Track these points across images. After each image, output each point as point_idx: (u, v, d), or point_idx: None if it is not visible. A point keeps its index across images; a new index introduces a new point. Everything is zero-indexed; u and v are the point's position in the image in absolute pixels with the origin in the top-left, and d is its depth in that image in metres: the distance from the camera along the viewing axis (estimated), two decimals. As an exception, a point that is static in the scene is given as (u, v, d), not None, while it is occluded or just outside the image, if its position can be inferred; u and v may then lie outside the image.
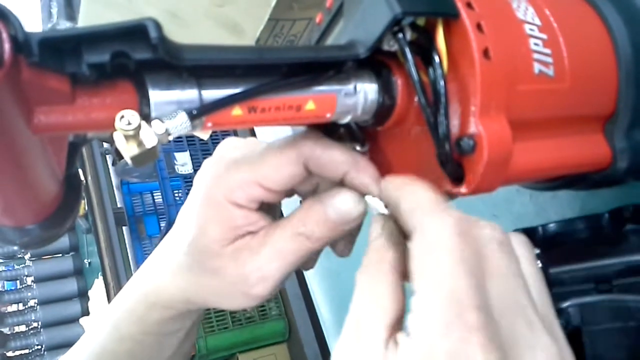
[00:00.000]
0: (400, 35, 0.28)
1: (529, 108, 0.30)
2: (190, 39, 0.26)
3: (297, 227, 0.33)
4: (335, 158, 0.32)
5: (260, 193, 0.33)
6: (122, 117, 0.23)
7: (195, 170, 2.36)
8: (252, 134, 1.16)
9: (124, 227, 2.36)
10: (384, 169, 0.33)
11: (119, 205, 2.41)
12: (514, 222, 0.49)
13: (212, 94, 0.27)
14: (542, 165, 0.31)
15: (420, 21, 0.29)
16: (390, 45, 0.29)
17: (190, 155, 2.41)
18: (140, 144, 0.24)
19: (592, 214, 0.40)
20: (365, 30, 0.29)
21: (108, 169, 2.42)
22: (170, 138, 0.25)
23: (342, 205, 0.32)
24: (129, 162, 0.24)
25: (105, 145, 2.27)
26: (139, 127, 0.24)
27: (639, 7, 0.33)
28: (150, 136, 0.24)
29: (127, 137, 0.24)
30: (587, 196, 0.42)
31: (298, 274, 1.51)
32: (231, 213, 0.33)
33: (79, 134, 0.29)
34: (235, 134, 1.80)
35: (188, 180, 2.34)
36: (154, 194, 2.56)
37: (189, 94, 0.26)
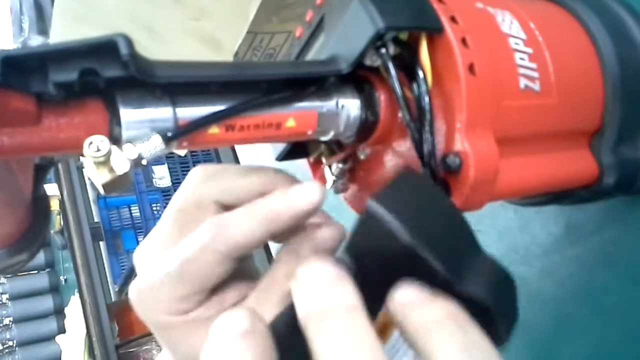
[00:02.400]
0: (383, 50, 0.27)
1: (515, 124, 0.30)
2: (168, 54, 0.25)
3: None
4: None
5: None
6: (91, 143, 0.22)
7: (174, 184, 2.34)
8: (232, 148, 1.15)
9: (100, 242, 2.32)
10: (366, 187, 0.32)
11: (95, 220, 2.37)
12: (498, 237, 0.49)
13: (187, 112, 0.26)
14: (529, 181, 0.30)
15: (404, 36, 0.28)
16: (373, 61, 0.28)
17: (169, 168, 2.38)
18: (111, 170, 0.22)
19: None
20: (347, 45, 0.28)
21: (84, 182, 2.38)
22: (144, 163, 0.23)
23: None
24: (100, 190, 0.22)
25: (82, 159, 2.23)
26: (109, 152, 0.22)
27: (625, 20, 0.32)
28: (122, 162, 0.23)
29: (97, 164, 0.22)
30: (573, 210, 0.42)
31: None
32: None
33: (45, 156, 0.27)
34: (216, 150, 1.78)
35: (166, 193, 2.32)
36: (132, 208, 2.53)
37: (163, 113, 0.25)
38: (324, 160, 0.34)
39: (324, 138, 0.30)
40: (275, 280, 0.30)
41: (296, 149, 0.34)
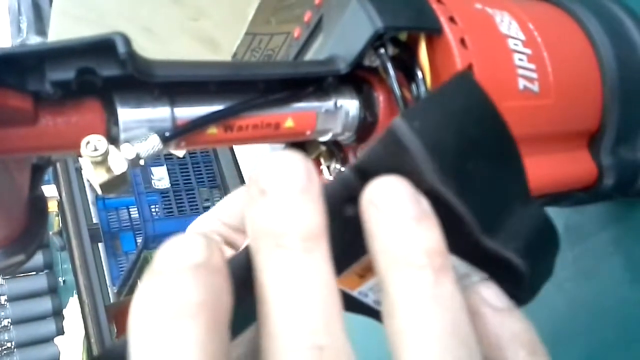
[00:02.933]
0: (382, 50, 0.27)
1: (513, 125, 0.29)
2: (166, 55, 0.25)
3: None
4: None
5: None
6: (88, 142, 0.22)
7: (173, 185, 2.34)
8: (231, 150, 1.15)
9: (99, 244, 2.32)
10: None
11: (94, 221, 2.37)
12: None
13: (185, 112, 0.26)
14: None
15: (402, 36, 0.28)
16: (371, 61, 0.28)
17: (168, 169, 2.38)
18: (109, 170, 0.22)
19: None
20: (346, 45, 0.28)
21: (83, 184, 2.38)
22: (142, 163, 0.23)
23: None
24: (98, 190, 0.22)
25: (80, 159, 2.23)
26: (107, 152, 0.22)
27: (624, 21, 0.32)
28: (119, 162, 0.23)
29: (94, 164, 0.22)
30: (572, 212, 0.41)
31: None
32: None
33: (43, 156, 0.27)
34: (214, 148, 1.78)
35: (165, 195, 2.31)
36: (130, 210, 2.52)
37: (161, 112, 0.25)
38: (322, 161, 0.34)
39: (322, 138, 0.30)
40: None
41: (295, 150, 0.34)
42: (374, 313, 0.23)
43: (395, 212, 0.17)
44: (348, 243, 0.18)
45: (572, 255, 0.42)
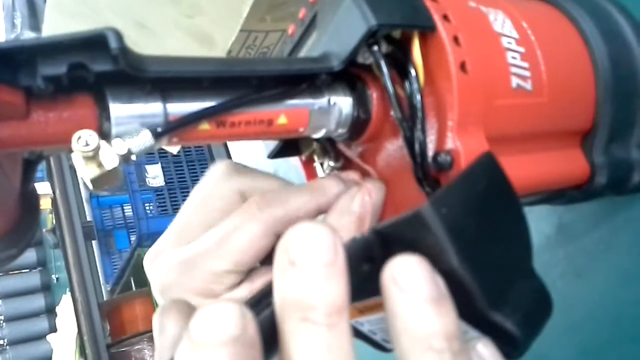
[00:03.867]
0: (376, 47, 0.27)
1: (506, 123, 0.30)
2: (160, 51, 0.25)
3: None
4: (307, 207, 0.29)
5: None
6: (79, 137, 0.22)
7: (167, 183, 2.33)
8: (225, 147, 1.15)
9: (93, 242, 2.31)
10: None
11: (88, 219, 2.36)
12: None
13: (177, 107, 0.26)
14: (521, 181, 0.30)
15: (396, 33, 0.28)
16: (365, 58, 0.28)
17: (162, 167, 2.37)
18: (100, 165, 0.22)
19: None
20: (340, 43, 0.28)
21: (77, 181, 2.37)
22: (134, 158, 0.23)
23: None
24: (89, 185, 0.22)
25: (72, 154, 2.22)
26: (98, 147, 0.22)
27: (617, 20, 0.32)
28: (110, 157, 0.22)
29: (85, 159, 0.22)
30: (564, 210, 0.42)
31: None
32: None
33: (34, 150, 0.27)
34: (209, 146, 1.78)
35: (159, 193, 2.31)
36: (124, 208, 2.52)
37: (153, 108, 0.25)
38: (316, 158, 0.34)
39: (316, 136, 0.30)
40: None
41: (288, 147, 0.34)
42: (364, 337, 0.25)
43: (417, 294, 0.19)
44: (357, 288, 0.20)
45: (564, 254, 0.42)
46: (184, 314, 0.26)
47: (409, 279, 0.19)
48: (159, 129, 0.24)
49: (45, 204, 2.33)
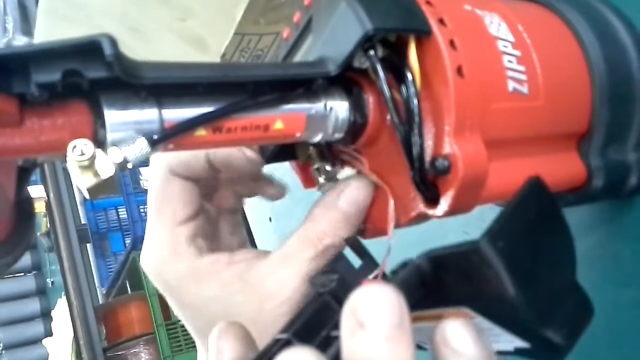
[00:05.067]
0: (372, 52, 0.27)
1: (503, 127, 0.30)
2: (154, 55, 0.25)
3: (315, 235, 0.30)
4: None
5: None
6: (75, 147, 0.22)
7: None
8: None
9: (87, 245, 2.31)
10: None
11: (82, 222, 2.35)
12: (486, 240, 0.48)
13: (173, 113, 0.25)
14: (518, 184, 0.30)
15: (392, 37, 0.28)
16: (361, 62, 0.28)
17: (157, 170, 2.36)
18: (96, 174, 0.22)
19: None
20: (336, 47, 0.28)
21: (71, 184, 2.36)
22: (130, 166, 0.23)
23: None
24: (85, 194, 0.22)
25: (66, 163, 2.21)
26: (94, 156, 0.22)
27: (613, 23, 0.32)
28: (106, 166, 0.22)
29: (81, 168, 0.22)
30: (560, 213, 0.42)
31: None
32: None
33: (28, 158, 0.27)
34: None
35: (154, 195, 2.30)
36: (119, 210, 2.51)
37: (148, 114, 0.25)
38: (313, 162, 0.34)
39: (312, 140, 0.30)
40: (307, 239, 0.30)
41: (284, 151, 0.34)
42: None
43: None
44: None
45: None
46: (241, 337, 0.27)
47: (460, 341, 0.21)
48: (155, 136, 0.24)
49: (39, 207, 2.33)
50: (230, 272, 0.32)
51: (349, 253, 0.30)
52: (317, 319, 0.23)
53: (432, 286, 0.21)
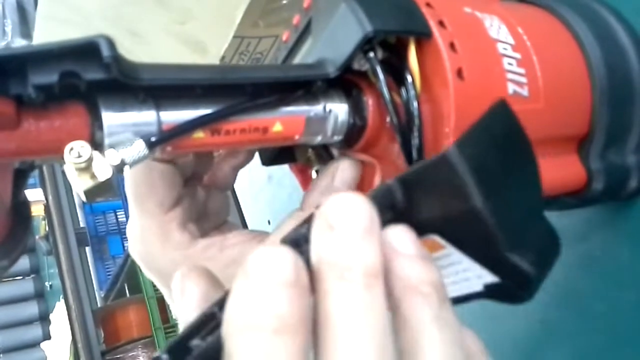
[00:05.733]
0: (372, 54, 0.27)
1: (503, 129, 0.29)
2: (152, 58, 0.25)
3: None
4: None
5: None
6: (72, 149, 0.21)
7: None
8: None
9: (86, 248, 2.30)
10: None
11: (81, 225, 2.35)
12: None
13: (171, 115, 0.25)
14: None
15: (392, 40, 0.28)
16: (361, 65, 0.27)
17: (156, 173, 2.36)
18: (93, 176, 0.22)
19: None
20: (335, 49, 0.27)
21: (70, 187, 2.36)
22: (127, 169, 0.23)
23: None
24: (82, 197, 0.22)
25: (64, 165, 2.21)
26: (91, 158, 0.22)
27: (613, 26, 0.32)
28: (104, 168, 0.22)
29: (78, 170, 0.22)
30: (560, 216, 0.41)
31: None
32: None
33: (25, 160, 0.27)
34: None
35: (153, 198, 2.29)
36: (118, 213, 2.51)
37: (146, 116, 0.25)
38: (312, 165, 0.34)
39: (311, 143, 0.30)
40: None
41: (283, 154, 0.34)
42: None
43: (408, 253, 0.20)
44: None
45: (560, 259, 0.41)
46: (205, 276, 0.26)
47: (402, 242, 0.20)
48: (153, 138, 0.24)
49: (37, 210, 2.32)
50: (225, 256, 0.32)
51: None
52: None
53: (402, 211, 0.21)
